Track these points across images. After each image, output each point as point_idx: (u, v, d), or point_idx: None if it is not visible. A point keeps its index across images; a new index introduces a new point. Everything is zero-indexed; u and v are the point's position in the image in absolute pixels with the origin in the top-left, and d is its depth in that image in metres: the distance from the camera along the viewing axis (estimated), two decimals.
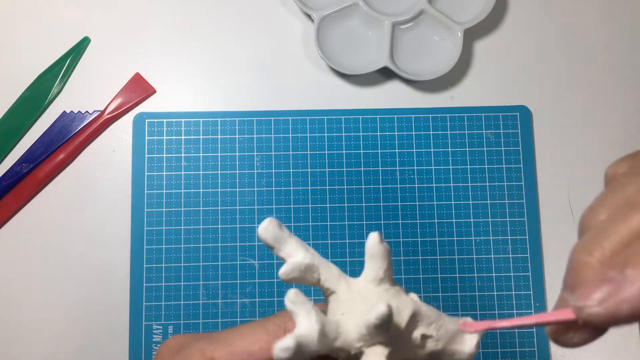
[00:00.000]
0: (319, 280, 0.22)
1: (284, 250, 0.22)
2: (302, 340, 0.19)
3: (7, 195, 0.45)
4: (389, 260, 0.22)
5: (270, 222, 0.22)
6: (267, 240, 0.22)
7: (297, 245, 0.22)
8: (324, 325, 0.20)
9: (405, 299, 0.21)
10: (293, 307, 0.20)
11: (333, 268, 0.22)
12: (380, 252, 0.21)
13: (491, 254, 0.45)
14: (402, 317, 0.20)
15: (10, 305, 0.44)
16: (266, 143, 0.46)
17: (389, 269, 0.22)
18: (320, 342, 0.19)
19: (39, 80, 0.47)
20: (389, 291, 0.21)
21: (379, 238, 0.22)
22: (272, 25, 0.49)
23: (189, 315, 0.44)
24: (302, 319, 0.20)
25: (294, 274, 0.21)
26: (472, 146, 0.47)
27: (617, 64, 0.49)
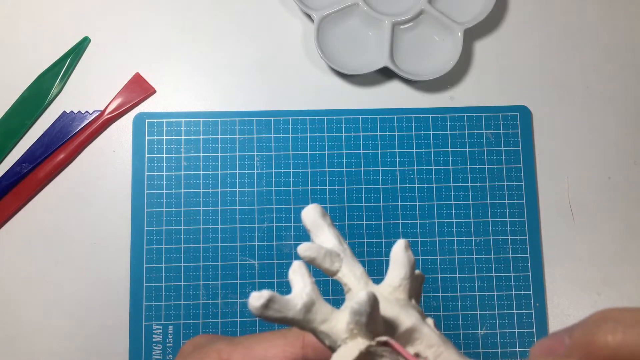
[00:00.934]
0: (337, 272, 0.22)
1: (319, 238, 0.22)
2: (280, 300, 0.19)
3: (7, 195, 0.45)
4: (407, 270, 0.21)
5: (314, 208, 0.22)
6: (305, 224, 0.22)
7: (333, 236, 0.22)
8: (313, 300, 0.20)
9: (412, 313, 0.20)
10: (292, 276, 0.20)
11: (358, 268, 0.22)
12: (400, 259, 0.21)
13: (491, 254, 0.45)
14: (398, 325, 0.20)
15: (10, 305, 0.44)
16: (266, 143, 0.46)
17: (407, 279, 0.21)
18: (302, 314, 0.19)
19: (39, 80, 0.47)
20: (399, 301, 0.21)
21: (404, 246, 0.21)
22: (272, 25, 0.49)
23: (189, 315, 0.44)
24: (296, 287, 0.20)
25: (311, 253, 0.21)
26: (472, 146, 0.47)
27: (617, 64, 0.49)
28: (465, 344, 0.44)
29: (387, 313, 0.20)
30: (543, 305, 0.45)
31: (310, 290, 0.20)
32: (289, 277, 0.20)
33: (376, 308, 0.18)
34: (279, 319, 0.19)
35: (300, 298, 0.20)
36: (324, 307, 0.20)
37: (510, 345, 0.44)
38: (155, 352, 0.43)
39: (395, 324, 0.20)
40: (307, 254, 0.21)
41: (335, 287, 0.44)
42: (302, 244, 0.21)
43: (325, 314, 0.20)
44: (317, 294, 0.20)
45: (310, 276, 0.21)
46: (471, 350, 0.44)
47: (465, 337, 0.44)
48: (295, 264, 0.21)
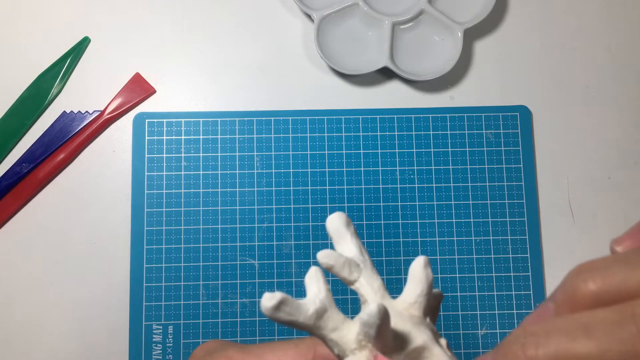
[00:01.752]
0: (355, 282, 0.22)
1: (340, 246, 0.22)
2: (292, 303, 0.19)
3: (7, 195, 0.45)
4: (425, 287, 0.21)
5: (339, 217, 0.22)
6: (328, 231, 0.22)
7: (355, 245, 0.22)
8: (326, 307, 0.20)
9: (424, 331, 0.20)
10: (308, 280, 0.20)
11: (376, 280, 0.22)
12: (418, 276, 0.21)
13: (491, 254, 0.45)
14: (409, 342, 0.20)
15: (10, 305, 0.44)
16: (266, 143, 0.46)
17: (423, 297, 0.21)
18: (313, 319, 0.19)
19: (39, 80, 0.47)
20: (413, 318, 0.20)
21: (424, 263, 0.21)
22: (272, 25, 0.49)
23: (189, 315, 0.44)
24: (310, 292, 0.20)
25: (330, 260, 0.21)
26: (472, 146, 0.47)
27: (617, 64, 0.49)
28: (465, 344, 0.44)
29: (398, 328, 0.20)
30: None
31: (324, 297, 0.20)
32: (305, 281, 0.20)
33: (386, 321, 0.18)
34: (289, 322, 0.19)
35: (313, 304, 0.20)
36: (336, 315, 0.20)
37: None
38: (155, 352, 0.43)
39: (406, 340, 0.20)
40: (325, 260, 0.21)
41: (355, 296, 0.44)
42: (322, 251, 0.21)
43: (337, 322, 0.20)
44: (330, 301, 0.20)
45: (325, 283, 0.21)
46: (471, 350, 0.44)
47: (465, 337, 0.44)
48: (312, 269, 0.21)
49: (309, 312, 0.20)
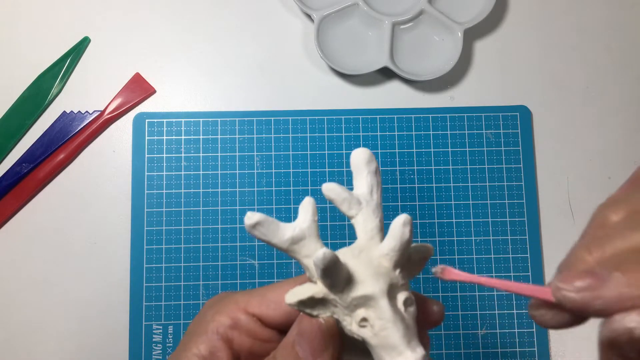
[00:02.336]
0: (352, 217, 0.23)
1: (355, 181, 0.24)
2: (269, 225, 0.21)
3: (7, 195, 0.45)
4: (397, 243, 0.21)
5: (362, 152, 0.24)
6: (350, 164, 0.24)
7: (367, 183, 0.24)
8: (304, 235, 0.22)
9: (380, 283, 0.21)
10: (300, 208, 0.22)
11: (372, 221, 0.23)
12: (394, 231, 0.21)
13: (491, 254, 0.45)
14: (358, 287, 0.21)
15: (11, 305, 0.44)
16: (266, 143, 0.46)
17: (395, 252, 0.21)
18: (287, 244, 0.22)
19: (39, 80, 0.47)
20: (380, 268, 0.21)
21: (403, 221, 0.21)
22: (272, 25, 0.49)
23: (189, 315, 0.44)
24: (297, 220, 0.22)
25: (331, 194, 0.23)
26: (472, 146, 0.47)
27: (617, 65, 0.49)
28: (465, 344, 0.44)
29: (358, 274, 0.21)
30: None
31: (306, 227, 0.22)
32: (299, 209, 0.22)
33: (332, 267, 0.20)
34: (263, 241, 0.22)
35: (292, 230, 0.22)
36: (313, 244, 0.22)
37: (510, 345, 0.44)
38: (155, 352, 0.43)
39: (356, 286, 0.21)
40: (327, 193, 0.23)
41: None
42: (327, 183, 0.23)
43: (312, 250, 0.22)
44: (312, 231, 0.22)
45: (314, 214, 0.22)
46: (471, 350, 0.44)
47: (465, 337, 0.44)
48: (306, 199, 0.23)
49: (284, 237, 0.22)
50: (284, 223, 0.22)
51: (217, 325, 0.24)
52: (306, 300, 0.21)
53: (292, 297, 0.21)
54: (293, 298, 0.21)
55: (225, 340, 0.24)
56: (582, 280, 0.17)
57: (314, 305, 0.21)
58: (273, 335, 0.25)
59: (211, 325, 0.25)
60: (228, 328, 0.24)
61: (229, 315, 0.25)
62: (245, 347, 0.25)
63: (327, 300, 0.21)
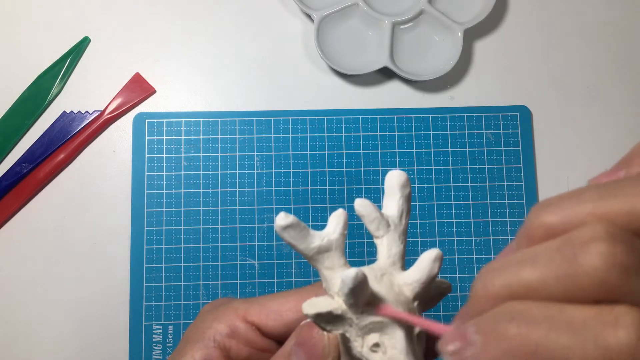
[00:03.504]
0: (377, 238, 0.22)
1: (386, 202, 0.23)
2: (301, 230, 0.21)
3: (7, 195, 0.45)
4: (423, 276, 0.21)
5: (398, 176, 0.23)
6: (385, 184, 0.23)
7: (397, 208, 0.23)
8: (331, 247, 0.21)
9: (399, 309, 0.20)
10: (331, 219, 0.22)
11: (397, 246, 0.22)
12: (423, 265, 0.21)
13: (491, 254, 0.45)
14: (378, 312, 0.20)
15: (11, 305, 0.44)
16: (266, 143, 0.46)
17: (419, 284, 0.21)
18: (312, 252, 0.21)
19: (39, 80, 0.47)
20: (399, 295, 0.21)
21: (434, 256, 0.21)
22: (272, 25, 0.49)
23: (189, 315, 0.44)
24: (326, 229, 0.22)
25: (362, 210, 0.22)
26: (472, 146, 0.47)
27: (617, 64, 0.49)
28: None
29: (380, 297, 0.20)
30: None
31: (334, 239, 0.22)
32: (329, 218, 0.22)
33: (359, 287, 0.19)
34: (290, 244, 0.21)
35: (320, 240, 0.21)
36: (337, 258, 0.22)
37: None
38: (155, 352, 0.43)
39: (375, 309, 0.20)
40: (359, 209, 0.22)
41: None
42: (361, 200, 0.22)
43: (335, 264, 0.21)
44: (339, 245, 0.22)
45: (344, 227, 0.22)
46: None
47: None
48: (339, 211, 0.22)
49: (312, 245, 0.21)
50: (313, 230, 0.22)
51: (214, 333, 0.24)
52: (325, 314, 0.21)
53: (310, 308, 0.21)
54: (312, 309, 0.21)
55: (222, 349, 0.24)
56: (452, 343, 0.16)
57: (329, 320, 0.21)
58: (271, 345, 0.25)
59: (208, 332, 0.24)
60: (225, 336, 0.24)
61: (228, 322, 0.24)
62: (242, 357, 0.24)
63: (344, 317, 0.21)
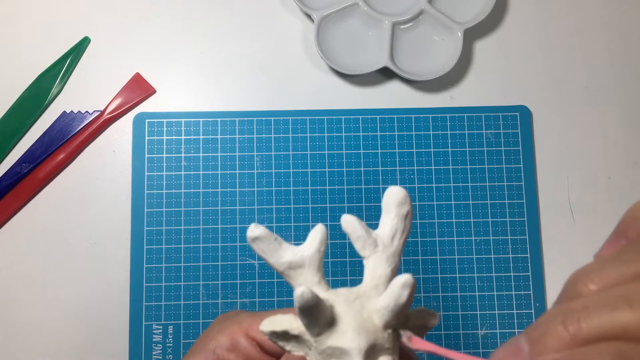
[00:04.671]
0: (364, 258, 0.21)
1: (382, 219, 0.22)
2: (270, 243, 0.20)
3: (7, 195, 0.45)
4: (391, 304, 0.20)
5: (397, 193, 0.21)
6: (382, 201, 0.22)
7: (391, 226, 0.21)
8: (304, 263, 0.20)
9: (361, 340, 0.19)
10: (311, 233, 0.21)
11: (384, 269, 0.21)
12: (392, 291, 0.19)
13: (491, 254, 0.45)
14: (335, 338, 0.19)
15: (11, 305, 0.44)
16: (266, 143, 0.46)
17: (387, 311, 0.20)
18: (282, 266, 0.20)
19: (39, 80, 0.47)
20: (366, 322, 0.20)
21: (403, 283, 0.19)
22: (272, 25, 0.49)
23: (189, 315, 0.44)
24: (305, 243, 0.21)
25: (347, 227, 0.21)
26: (472, 146, 0.47)
27: (617, 64, 0.49)
28: (465, 344, 0.44)
29: (342, 321, 0.19)
30: (543, 305, 0.45)
31: (308, 255, 0.21)
32: (309, 234, 0.21)
33: (310, 309, 0.18)
34: (260, 256, 0.21)
35: (292, 254, 0.20)
36: (311, 275, 0.20)
37: None
38: (155, 352, 0.43)
39: (335, 334, 0.19)
40: (344, 225, 0.21)
41: None
42: (347, 215, 0.21)
43: (307, 281, 0.20)
44: (313, 261, 0.21)
45: (322, 244, 0.21)
46: (471, 350, 0.44)
47: (465, 337, 0.44)
48: (318, 226, 0.21)
49: (282, 259, 0.20)
50: (288, 244, 0.21)
51: (216, 345, 0.24)
52: (280, 332, 0.20)
53: (267, 325, 0.20)
54: (267, 327, 0.20)
55: None
56: None
57: (288, 340, 0.20)
58: None
59: (211, 344, 0.25)
60: (226, 350, 0.24)
61: (230, 336, 0.24)
62: None
63: (302, 339, 0.20)
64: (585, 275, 0.16)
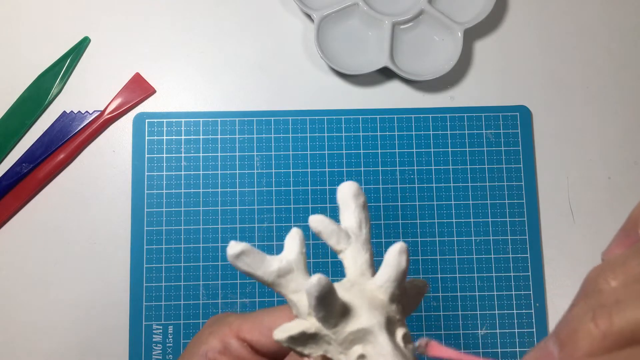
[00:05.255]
0: (340, 252, 0.22)
1: (343, 215, 0.22)
2: (255, 256, 0.19)
3: (7, 195, 0.45)
4: (393, 273, 0.20)
5: (349, 186, 0.22)
6: (337, 198, 0.22)
7: (356, 217, 0.22)
8: (291, 268, 0.20)
9: (377, 316, 0.19)
10: (287, 240, 0.21)
11: (362, 256, 0.21)
12: (390, 261, 0.20)
13: (491, 254, 0.45)
14: (354, 321, 0.19)
15: (11, 305, 0.44)
16: (266, 143, 0.46)
17: (391, 282, 0.20)
18: (273, 276, 0.20)
19: (39, 80, 0.47)
20: (375, 300, 0.20)
21: (399, 249, 0.20)
22: (272, 25, 0.49)
23: (189, 315, 0.44)
24: (283, 251, 0.20)
25: (319, 225, 0.21)
26: (472, 146, 0.47)
27: (617, 64, 0.49)
28: (465, 344, 0.44)
29: (352, 306, 0.19)
30: (543, 305, 0.45)
31: (293, 259, 0.20)
32: (285, 240, 0.21)
33: (327, 295, 0.18)
34: (247, 273, 0.20)
35: (279, 262, 0.20)
36: (301, 278, 0.20)
37: (510, 345, 0.44)
38: (155, 352, 0.43)
39: (352, 320, 0.19)
40: (315, 225, 0.21)
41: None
42: (314, 215, 0.21)
43: (299, 285, 0.20)
44: (299, 264, 0.20)
45: (301, 245, 0.21)
46: (471, 350, 0.44)
47: (465, 337, 0.44)
48: (293, 230, 0.21)
49: (270, 269, 0.20)
50: (269, 255, 0.20)
51: (207, 349, 0.24)
52: (297, 336, 0.19)
53: (281, 333, 0.20)
54: (282, 334, 0.20)
55: None
56: None
57: (305, 342, 0.20)
58: None
59: (203, 347, 0.24)
60: (218, 352, 0.24)
61: (221, 338, 0.24)
62: None
63: (319, 336, 0.19)
64: (606, 271, 0.16)
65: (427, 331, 0.44)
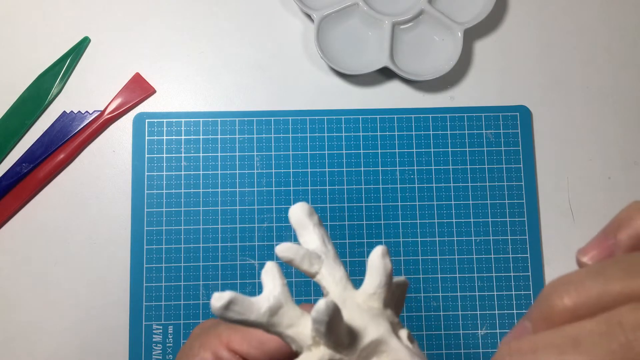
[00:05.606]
0: (316, 274, 0.21)
1: (303, 237, 0.22)
2: (242, 302, 0.19)
3: (7, 195, 0.45)
4: (383, 278, 0.20)
5: (301, 207, 0.22)
6: (291, 222, 0.22)
7: (317, 236, 0.21)
8: (281, 303, 0.19)
9: (381, 324, 0.19)
10: (264, 276, 0.20)
11: (338, 270, 0.21)
12: (376, 266, 0.20)
13: (491, 254, 0.45)
14: (364, 336, 0.19)
15: (10, 305, 0.44)
16: (266, 143, 0.46)
17: (382, 288, 0.20)
18: (266, 317, 0.19)
19: (39, 80, 0.47)
20: (371, 310, 0.20)
21: (381, 252, 0.20)
22: (272, 25, 0.49)
23: (189, 315, 0.44)
24: (265, 289, 0.20)
25: (289, 254, 0.21)
26: (472, 146, 0.47)
27: (617, 64, 0.49)
28: (465, 344, 0.44)
29: (355, 322, 0.19)
30: None
31: (278, 293, 0.20)
32: (262, 277, 0.20)
33: (336, 318, 0.18)
34: (240, 322, 0.19)
35: (267, 301, 0.20)
36: (292, 310, 0.20)
37: None
38: (155, 352, 0.43)
39: (360, 335, 0.19)
40: (284, 254, 0.21)
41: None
42: (281, 244, 0.21)
43: (292, 318, 0.20)
44: (286, 297, 0.20)
45: (281, 277, 0.20)
46: (471, 350, 0.44)
47: (465, 337, 0.44)
48: (268, 264, 0.20)
49: (262, 310, 0.19)
50: (253, 297, 0.20)
51: None
52: None
53: None
54: None
55: None
56: None
57: None
58: None
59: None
60: None
61: (212, 350, 0.24)
62: None
63: None
64: (562, 287, 0.15)
65: (427, 331, 0.44)
